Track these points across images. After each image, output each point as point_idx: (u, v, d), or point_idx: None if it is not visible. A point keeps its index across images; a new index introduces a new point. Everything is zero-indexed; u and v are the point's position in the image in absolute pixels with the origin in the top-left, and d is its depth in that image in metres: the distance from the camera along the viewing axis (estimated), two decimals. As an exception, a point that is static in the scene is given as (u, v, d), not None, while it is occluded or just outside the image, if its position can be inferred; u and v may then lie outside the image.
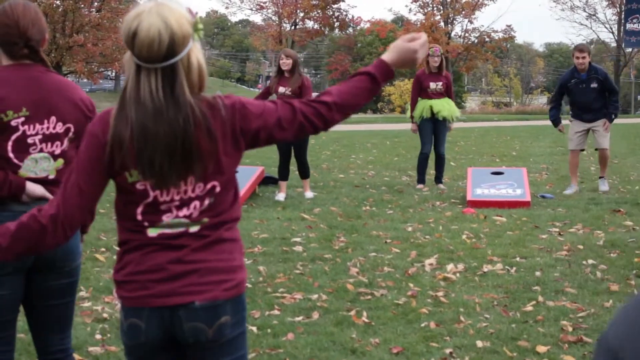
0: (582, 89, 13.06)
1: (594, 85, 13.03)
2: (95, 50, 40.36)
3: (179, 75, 2.87)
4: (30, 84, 3.92)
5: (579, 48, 13.29)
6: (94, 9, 42.88)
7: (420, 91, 13.68)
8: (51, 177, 3.98)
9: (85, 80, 52.73)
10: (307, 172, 12.92)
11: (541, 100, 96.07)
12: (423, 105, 13.61)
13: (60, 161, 4.00)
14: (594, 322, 6.35)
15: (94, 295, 7.10)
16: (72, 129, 4.01)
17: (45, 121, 3.94)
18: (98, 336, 5.99)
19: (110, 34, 41.19)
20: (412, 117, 13.83)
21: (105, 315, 6.51)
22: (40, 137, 3.94)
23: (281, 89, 12.12)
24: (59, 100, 3.97)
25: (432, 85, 13.54)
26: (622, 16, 69.30)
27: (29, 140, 3.93)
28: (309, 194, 12.81)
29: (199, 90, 2.95)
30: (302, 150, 12.63)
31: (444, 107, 13.55)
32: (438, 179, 13.94)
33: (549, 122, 14.30)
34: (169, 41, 2.82)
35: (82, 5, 41.78)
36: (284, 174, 12.68)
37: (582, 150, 13.65)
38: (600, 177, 13.71)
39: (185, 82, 2.89)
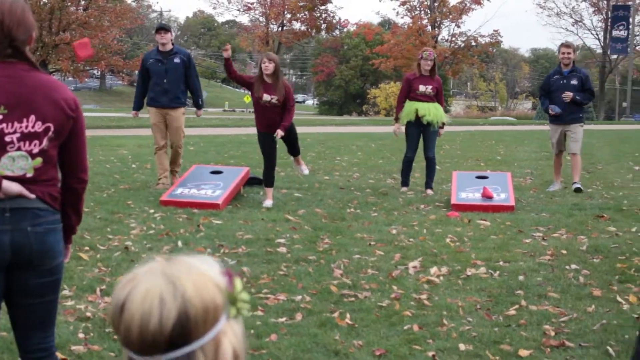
0: (562, 84, 13.78)
1: (574, 82, 13.76)
2: (81, 49, 40.25)
3: None
4: (10, 82, 3.89)
5: (566, 44, 14.28)
6: (81, 7, 42.76)
7: (409, 93, 13.62)
8: (29, 175, 3.97)
9: (70, 78, 52.57)
10: (297, 152, 12.98)
11: (526, 105, 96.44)
12: (409, 107, 13.55)
13: (39, 160, 3.98)
14: (576, 326, 6.37)
15: (77, 294, 7.08)
16: (52, 129, 3.98)
17: (25, 120, 3.92)
18: (81, 335, 5.97)
19: (96, 32, 41.07)
20: (396, 118, 13.81)
21: (88, 314, 6.49)
22: (18, 135, 3.92)
23: (266, 97, 11.74)
24: (40, 99, 3.94)
25: (422, 87, 13.43)
26: (609, 23, 69.74)
27: (7, 139, 3.90)
28: (305, 169, 13.24)
29: None
30: (294, 144, 12.69)
31: (430, 111, 13.44)
32: (428, 184, 13.77)
33: (534, 127, 14.60)
34: (177, 317, 1.68)
35: (69, 3, 41.68)
36: (269, 180, 12.31)
37: (563, 151, 14.18)
38: (573, 183, 13.98)
39: None
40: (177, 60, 13.44)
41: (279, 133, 11.74)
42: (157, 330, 1.66)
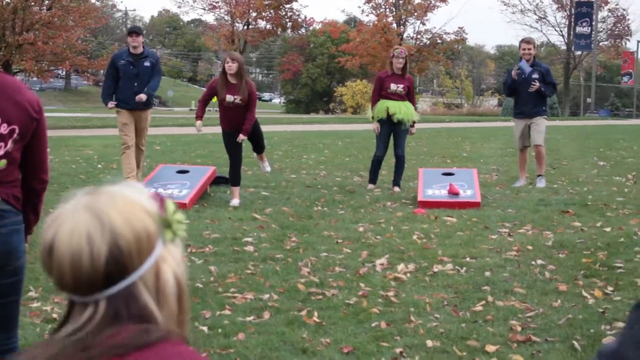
0: (524, 78, 14.04)
1: (535, 76, 14.02)
2: (45, 49, 39.88)
3: (139, 305, 1.65)
4: None
5: (526, 40, 14.59)
6: (44, 7, 42.42)
7: (381, 91, 13.63)
8: None
9: (35, 78, 52.16)
10: (262, 150, 13.14)
11: (492, 102, 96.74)
12: (380, 105, 13.54)
13: (3, 162, 3.96)
14: (542, 321, 6.41)
15: (43, 296, 7.04)
16: (17, 131, 3.96)
17: None
18: (47, 336, 5.93)
19: (60, 32, 40.68)
20: (373, 117, 13.80)
21: (54, 315, 6.46)
22: None
23: (229, 97, 11.71)
24: (4, 101, 3.92)
25: (393, 86, 13.44)
26: (572, 19, 70.12)
27: None
28: (267, 166, 13.44)
29: (180, 329, 1.72)
30: (259, 142, 12.78)
31: (401, 109, 13.44)
32: (396, 181, 13.80)
33: (499, 124, 14.76)
34: (109, 253, 1.61)
35: (33, 3, 41.30)
36: (235, 179, 12.30)
37: (528, 146, 14.39)
38: (538, 175, 14.35)
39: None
40: (147, 64, 13.64)
41: (241, 137, 11.79)
42: (90, 269, 1.60)
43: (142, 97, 13.57)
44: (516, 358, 5.61)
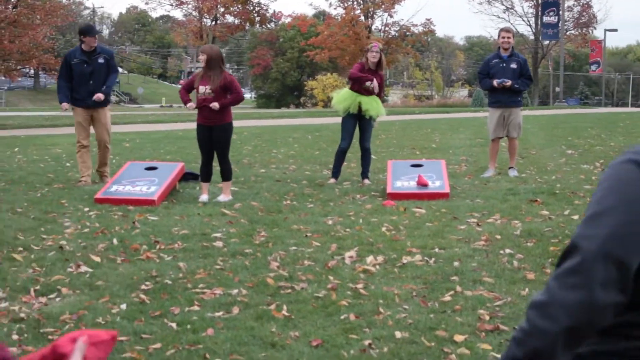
0: (502, 67, 14.12)
1: (513, 65, 14.12)
2: (12, 48, 39.53)
3: None
4: None
5: (505, 29, 14.71)
6: (10, 6, 42.09)
7: (358, 83, 13.50)
8: None
9: (3, 78, 51.77)
10: (228, 174, 12.21)
11: (462, 93, 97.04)
12: (352, 100, 13.54)
13: None
14: (510, 310, 6.44)
15: (11, 295, 6.99)
16: None
17: None
18: (15, 336, 5.90)
19: (27, 30, 40.38)
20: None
21: (22, 315, 6.42)
22: None
23: (202, 88, 11.73)
24: None
25: (368, 83, 13.43)
26: (539, 9, 70.45)
27: None
28: (222, 197, 12.09)
29: None
30: (224, 151, 12.07)
31: (372, 105, 13.48)
32: (364, 174, 13.80)
33: (469, 115, 14.77)
34: None
35: (-2, 2, 40.98)
36: (205, 175, 12.13)
37: (501, 137, 14.49)
38: (510, 167, 14.54)
39: None
40: (101, 60, 13.75)
41: (215, 105, 11.62)
42: None
43: (100, 96, 13.62)
44: (484, 347, 5.64)
